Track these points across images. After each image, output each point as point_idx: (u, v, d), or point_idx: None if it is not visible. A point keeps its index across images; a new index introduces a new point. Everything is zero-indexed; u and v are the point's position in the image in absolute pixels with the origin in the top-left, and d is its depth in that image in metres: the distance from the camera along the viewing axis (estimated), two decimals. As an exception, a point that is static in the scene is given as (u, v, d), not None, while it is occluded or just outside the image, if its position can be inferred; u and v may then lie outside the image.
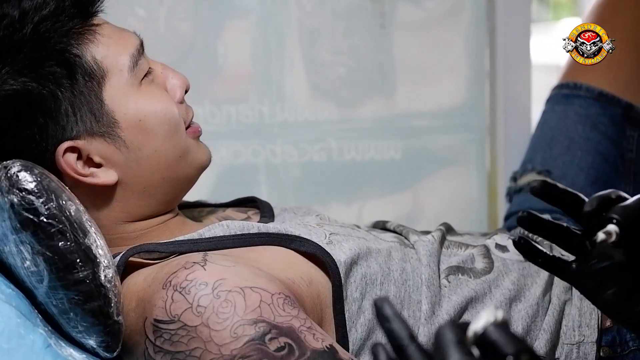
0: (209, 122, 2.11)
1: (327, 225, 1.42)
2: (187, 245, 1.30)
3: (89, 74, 1.29)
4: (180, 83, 1.37)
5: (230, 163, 2.16)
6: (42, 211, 1.20)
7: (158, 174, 1.33)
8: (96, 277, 1.21)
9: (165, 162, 1.33)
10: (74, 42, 1.28)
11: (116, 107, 1.30)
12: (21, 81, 1.26)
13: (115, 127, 1.30)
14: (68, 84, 1.27)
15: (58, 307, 1.22)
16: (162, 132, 1.32)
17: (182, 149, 1.35)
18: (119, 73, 1.30)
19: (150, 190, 1.34)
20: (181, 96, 1.37)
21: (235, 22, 2.20)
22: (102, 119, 1.29)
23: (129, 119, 1.30)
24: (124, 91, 1.31)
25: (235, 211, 1.52)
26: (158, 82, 1.36)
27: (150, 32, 1.38)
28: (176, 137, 1.34)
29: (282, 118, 2.19)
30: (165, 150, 1.33)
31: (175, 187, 1.36)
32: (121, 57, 1.31)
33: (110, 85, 1.30)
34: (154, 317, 1.19)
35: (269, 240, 1.33)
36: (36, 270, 1.21)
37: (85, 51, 1.29)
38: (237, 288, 1.17)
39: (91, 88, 1.29)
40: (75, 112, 1.28)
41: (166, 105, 1.33)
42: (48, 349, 1.20)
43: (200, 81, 2.13)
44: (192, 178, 1.38)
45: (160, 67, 1.38)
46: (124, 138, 1.30)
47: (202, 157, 1.38)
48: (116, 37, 1.32)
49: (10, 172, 1.21)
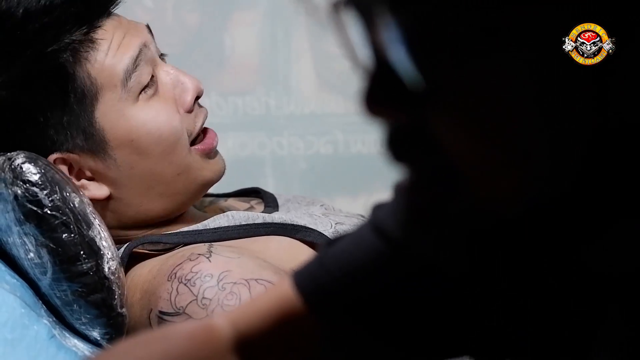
0: (215, 113, 2.10)
1: (332, 215, 1.41)
2: (191, 236, 1.29)
3: (81, 92, 1.24)
4: (191, 88, 1.30)
5: (237, 155, 2.16)
6: (46, 203, 1.19)
7: (154, 190, 1.29)
8: (100, 269, 1.21)
9: (161, 180, 1.28)
10: (71, 59, 1.23)
11: (107, 125, 1.25)
12: (12, 92, 1.22)
13: (106, 145, 1.26)
14: (60, 103, 1.24)
15: (62, 298, 1.22)
16: (156, 152, 1.27)
17: (181, 167, 1.29)
18: (112, 89, 1.25)
19: (146, 205, 1.30)
20: (190, 104, 1.29)
21: (242, 14, 2.20)
22: (93, 137, 1.25)
23: (120, 138, 1.26)
24: (116, 109, 1.25)
25: (238, 201, 1.51)
26: (163, 92, 1.29)
27: (158, 23, 1.38)
28: (173, 156, 1.28)
29: (288, 110, 2.19)
30: (160, 169, 1.28)
31: (174, 201, 1.32)
32: (116, 72, 1.25)
33: (104, 102, 1.25)
34: (159, 309, 1.19)
35: (274, 231, 1.32)
36: (40, 262, 1.21)
37: (81, 68, 1.24)
38: (242, 280, 1.17)
39: (82, 108, 1.24)
40: (65, 129, 1.25)
41: (162, 124, 1.27)
42: (52, 339, 1.20)
43: (207, 72, 2.13)
44: (195, 192, 1.33)
45: (172, 72, 1.31)
46: (114, 157, 1.26)
47: (207, 174, 1.32)
48: (114, 50, 1.26)
49: (15, 163, 1.20)
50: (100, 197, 1.28)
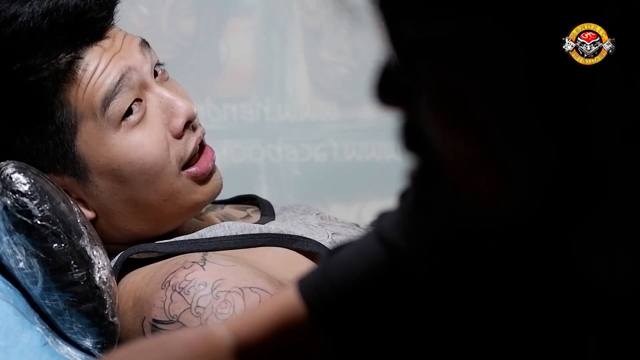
0: (210, 120, 2.10)
1: (328, 225, 1.41)
2: (187, 245, 1.29)
3: (60, 122, 1.22)
4: (182, 113, 1.26)
5: (231, 162, 2.16)
6: (36, 213, 1.18)
7: (140, 215, 1.28)
8: (91, 279, 1.20)
9: (146, 206, 1.27)
10: (51, 87, 1.20)
11: (88, 153, 1.24)
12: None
13: (88, 173, 1.25)
14: (36, 130, 1.22)
15: (53, 308, 1.21)
16: (139, 180, 1.25)
17: (167, 194, 1.26)
18: (92, 117, 1.23)
19: (133, 228, 1.29)
20: (178, 130, 1.26)
21: (237, 21, 2.20)
22: (74, 164, 1.24)
23: (101, 166, 1.24)
24: (97, 137, 1.23)
25: (234, 208, 1.51)
26: (151, 116, 1.25)
27: (153, 29, 1.38)
28: (158, 184, 1.25)
29: (283, 117, 2.19)
30: (144, 196, 1.26)
31: (163, 224, 1.30)
32: (95, 98, 1.22)
33: (84, 131, 1.23)
34: (153, 317, 1.18)
35: (270, 241, 1.32)
36: (30, 272, 1.20)
37: (61, 98, 1.21)
38: (236, 288, 1.17)
39: (63, 138, 1.23)
40: (45, 155, 1.24)
41: (145, 153, 1.24)
42: (45, 346, 1.20)
43: (201, 79, 2.13)
44: (183, 214, 1.31)
45: (164, 96, 1.27)
46: (96, 184, 1.25)
47: (199, 197, 1.29)
48: (98, 74, 1.22)
49: (4, 173, 1.19)
50: (87, 218, 1.27)
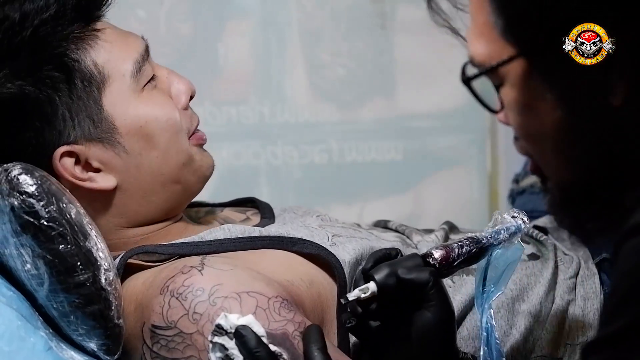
0: (209, 123, 2.11)
1: (328, 226, 1.41)
2: (187, 248, 1.29)
3: (88, 78, 1.28)
4: (185, 89, 1.35)
5: (231, 164, 2.16)
6: (43, 214, 1.19)
7: (159, 179, 1.32)
8: (97, 280, 1.21)
9: (168, 169, 1.32)
10: (73, 47, 1.27)
11: (116, 113, 1.29)
12: (18, 85, 1.25)
13: (115, 133, 1.29)
14: (66, 89, 1.27)
15: (59, 310, 1.21)
16: (164, 138, 1.31)
17: (186, 156, 1.33)
18: (120, 79, 1.29)
19: (150, 196, 1.32)
20: (185, 102, 1.35)
21: (235, 23, 2.20)
22: (101, 124, 1.29)
23: (129, 124, 1.29)
24: (125, 97, 1.30)
25: (234, 211, 1.51)
26: (162, 88, 1.34)
27: (151, 33, 1.38)
28: (178, 144, 1.32)
29: (282, 119, 2.19)
30: (168, 157, 1.32)
31: (176, 194, 1.35)
32: (124, 63, 1.30)
33: (111, 91, 1.29)
34: (152, 323, 1.18)
35: (270, 244, 1.32)
36: (37, 274, 1.20)
37: (85, 56, 1.28)
38: (233, 294, 1.16)
39: (90, 93, 1.28)
40: (73, 117, 1.27)
41: (168, 111, 1.32)
42: (49, 351, 1.20)
43: (200, 82, 2.11)
44: (193, 186, 1.36)
45: (166, 73, 1.36)
46: (123, 144, 1.29)
47: (205, 165, 1.36)
48: (119, 43, 1.31)
49: (11, 175, 1.20)
50: (107, 187, 1.30)
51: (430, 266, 1.12)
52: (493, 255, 1.17)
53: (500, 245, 1.16)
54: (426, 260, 1.13)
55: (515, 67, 0.90)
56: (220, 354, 1.12)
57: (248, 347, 1.10)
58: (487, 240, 1.16)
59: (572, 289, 1.41)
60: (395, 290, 1.10)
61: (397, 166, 2.25)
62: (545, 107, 0.89)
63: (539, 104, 0.89)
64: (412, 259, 1.13)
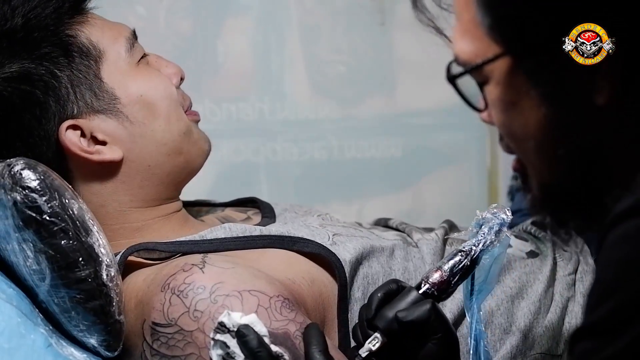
0: (209, 120, 2.11)
1: (329, 225, 1.41)
2: (188, 246, 1.29)
3: (85, 52, 1.30)
4: (175, 71, 1.38)
5: (231, 161, 2.16)
6: (45, 209, 1.19)
7: (163, 149, 1.33)
8: (98, 276, 1.21)
9: (171, 137, 1.34)
10: (66, 24, 1.30)
11: (116, 84, 1.31)
12: (18, 64, 1.27)
13: (117, 103, 1.31)
14: (65, 62, 1.29)
15: (60, 305, 1.22)
16: (165, 105, 1.33)
17: (186, 126, 1.35)
18: (116, 54, 1.32)
19: (154, 168, 1.33)
20: (177, 82, 1.38)
21: (235, 20, 2.20)
22: (103, 96, 1.30)
23: (130, 94, 1.32)
24: (122, 69, 1.32)
25: (235, 211, 1.51)
26: (154, 66, 1.37)
27: (150, 30, 1.38)
28: (178, 114, 1.35)
29: (282, 116, 2.19)
30: (170, 125, 1.34)
31: (178, 167, 1.35)
32: (116, 41, 1.33)
33: (108, 65, 1.32)
34: (152, 320, 1.18)
35: (271, 243, 1.32)
36: (38, 269, 1.20)
37: (79, 32, 1.31)
38: (234, 292, 1.16)
39: (89, 66, 1.30)
40: (75, 89, 1.29)
41: (165, 81, 1.35)
42: (49, 348, 1.19)
43: (200, 79, 2.13)
44: (195, 160, 1.38)
45: (155, 57, 1.39)
46: (126, 113, 1.31)
47: (203, 139, 1.39)
48: (108, 26, 1.35)
49: (14, 169, 1.20)
50: (114, 159, 1.31)
51: (429, 294, 1.14)
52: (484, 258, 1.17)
53: (489, 247, 1.16)
54: (424, 291, 1.14)
55: (500, 65, 0.89)
56: (221, 351, 1.12)
57: (249, 346, 1.10)
58: (475, 248, 1.16)
59: (571, 285, 1.41)
60: (401, 333, 1.12)
61: (396, 163, 2.25)
62: (529, 105, 0.89)
63: (522, 102, 0.89)
64: (409, 294, 1.14)
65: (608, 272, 0.83)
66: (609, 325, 0.81)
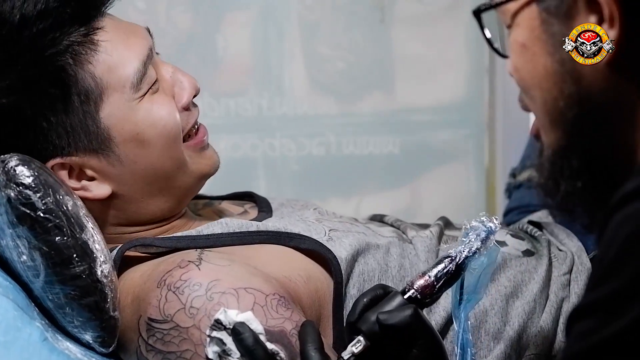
0: (207, 115, 2.11)
1: (326, 220, 1.41)
2: (184, 241, 1.29)
3: (85, 93, 1.25)
4: (189, 87, 1.33)
5: (229, 156, 2.16)
6: (39, 206, 1.19)
7: (155, 184, 1.31)
8: (93, 273, 1.21)
9: (162, 174, 1.30)
10: (71, 61, 1.24)
11: (113, 123, 1.27)
12: (13, 98, 1.22)
13: (110, 143, 1.27)
14: (61, 107, 1.24)
15: (54, 301, 1.22)
16: (159, 144, 1.29)
17: (179, 161, 1.31)
18: (120, 89, 1.27)
19: (148, 199, 1.32)
20: (187, 102, 1.32)
21: (235, 15, 2.20)
22: (97, 137, 1.26)
23: (126, 133, 1.27)
24: (123, 108, 1.27)
25: (232, 204, 1.51)
26: (164, 88, 1.31)
27: (150, 24, 1.38)
28: (173, 149, 1.30)
29: (281, 112, 2.19)
30: (161, 163, 1.29)
31: (175, 196, 1.34)
32: (125, 70, 1.26)
33: (109, 103, 1.26)
34: (148, 316, 1.18)
35: (267, 239, 1.32)
36: (32, 265, 1.20)
37: (84, 70, 1.24)
38: (231, 289, 1.16)
39: (87, 110, 1.25)
40: (68, 133, 1.25)
41: (166, 116, 1.29)
42: (45, 342, 1.20)
43: (199, 74, 2.11)
44: (192, 187, 1.35)
45: (170, 70, 1.33)
46: (118, 153, 1.27)
47: (203, 167, 1.35)
48: (122, 46, 1.27)
49: (8, 166, 1.19)
50: (102, 196, 1.29)
51: (413, 299, 1.13)
52: (471, 265, 1.17)
53: (475, 254, 1.16)
54: (409, 296, 1.13)
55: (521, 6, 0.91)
56: (217, 348, 1.12)
57: (245, 344, 1.10)
58: (460, 254, 1.16)
59: (566, 285, 1.40)
60: (383, 336, 1.11)
61: (394, 160, 2.25)
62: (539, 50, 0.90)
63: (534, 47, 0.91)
64: (393, 299, 1.13)
65: (611, 251, 0.82)
66: (610, 304, 0.80)
